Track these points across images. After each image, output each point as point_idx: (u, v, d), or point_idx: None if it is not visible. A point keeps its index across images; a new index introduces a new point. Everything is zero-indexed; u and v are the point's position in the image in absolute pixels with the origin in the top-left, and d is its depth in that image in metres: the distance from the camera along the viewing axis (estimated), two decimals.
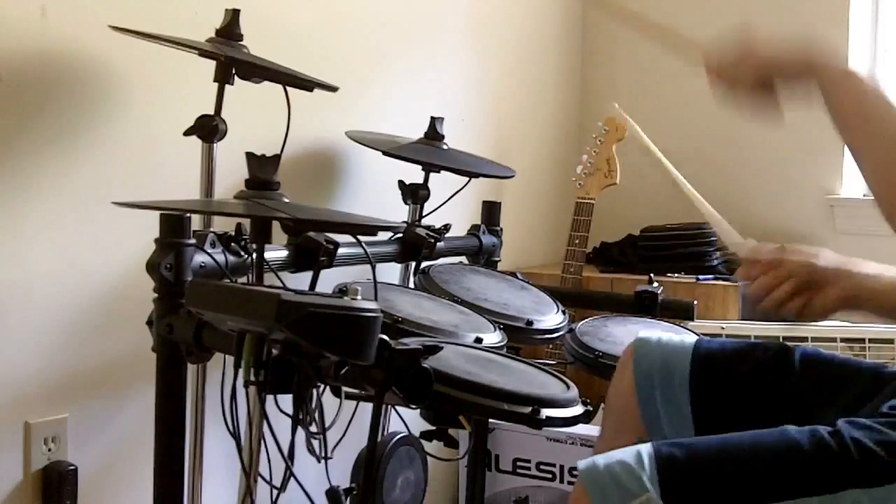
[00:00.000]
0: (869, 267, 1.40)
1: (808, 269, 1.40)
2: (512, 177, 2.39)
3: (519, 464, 2.27)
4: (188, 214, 1.45)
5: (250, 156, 1.49)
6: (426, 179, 2.19)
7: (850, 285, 1.38)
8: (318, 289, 1.62)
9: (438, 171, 2.19)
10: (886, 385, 1.35)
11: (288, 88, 1.77)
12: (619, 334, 1.87)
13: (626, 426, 1.44)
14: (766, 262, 1.42)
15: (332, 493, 1.41)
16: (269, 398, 1.23)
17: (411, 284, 1.99)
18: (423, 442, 1.79)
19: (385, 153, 2.10)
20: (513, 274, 2.15)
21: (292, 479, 1.31)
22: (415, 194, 2.18)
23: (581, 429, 1.98)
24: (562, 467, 2.22)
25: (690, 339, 1.49)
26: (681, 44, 1.32)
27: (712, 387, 1.41)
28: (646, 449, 1.17)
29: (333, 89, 1.85)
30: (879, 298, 1.38)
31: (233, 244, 1.55)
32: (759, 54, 1.35)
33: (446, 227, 2.08)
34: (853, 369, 1.42)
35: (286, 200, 1.48)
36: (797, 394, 1.38)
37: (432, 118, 2.20)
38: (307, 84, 1.78)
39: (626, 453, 1.17)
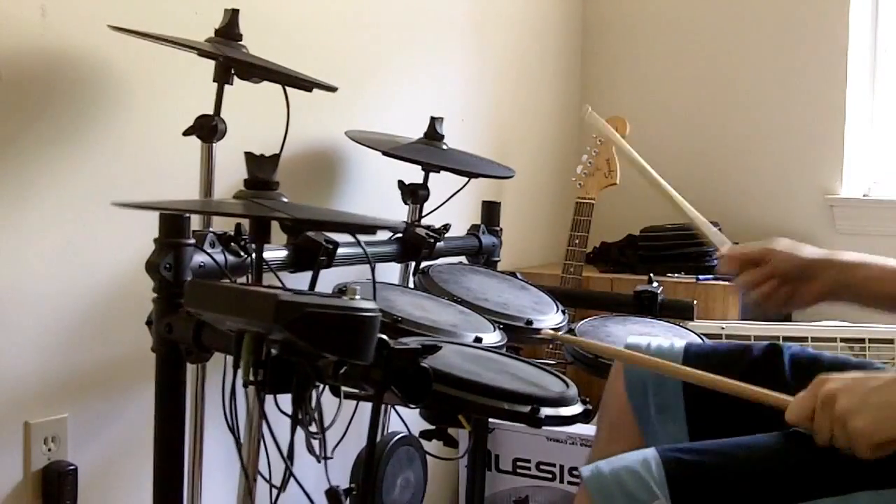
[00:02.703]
0: (850, 256, 1.43)
1: (793, 261, 1.43)
2: (512, 177, 2.39)
3: (519, 464, 2.27)
4: (187, 214, 1.45)
5: (249, 156, 1.49)
6: (426, 179, 2.19)
7: (833, 275, 1.41)
8: (318, 289, 1.62)
9: (438, 171, 2.19)
10: None
11: (287, 88, 1.77)
12: (619, 334, 1.87)
13: (621, 433, 1.43)
14: (752, 258, 1.45)
15: (332, 494, 1.41)
16: (269, 398, 1.23)
17: (411, 284, 1.99)
18: (423, 441, 1.79)
19: (385, 153, 2.10)
20: (513, 274, 2.15)
21: (292, 479, 1.31)
22: (415, 194, 2.18)
23: (581, 428, 1.98)
24: (562, 467, 2.22)
25: (680, 343, 1.48)
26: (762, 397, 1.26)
27: (705, 390, 1.41)
28: (651, 454, 1.14)
29: (333, 89, 1.85)
30: (861, 286, 1.41)
31: (232, 244, 1.55)
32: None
33: (446, 227, 2.08)
34: (840, 367, 1.42)
35: (285, 200, 1.48)
36: (788, 393, 1.38)
37: (432, 118, 2.20)
38: (307, 84, 1.78)
39: (631, 459, 1.14)
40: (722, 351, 1.48)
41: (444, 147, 2.21)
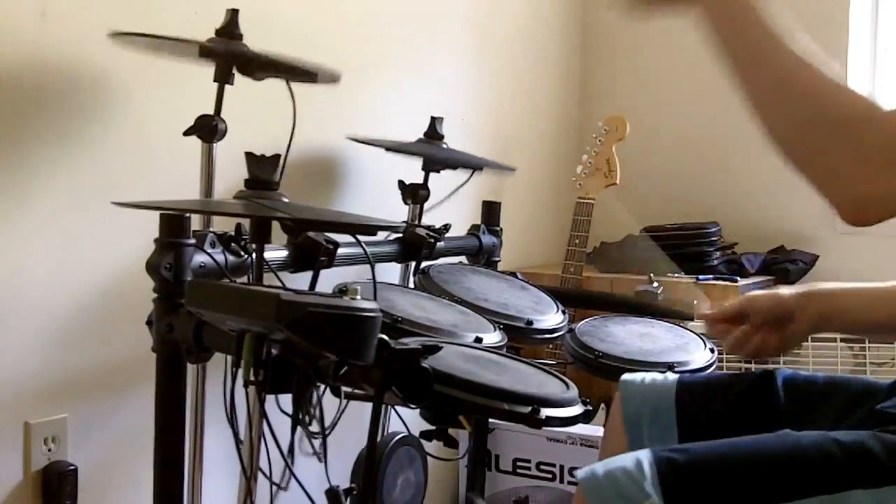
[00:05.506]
0: (829, 286, 1.45)
1: (773, 306, 1.45)
2: (513, 171, 2.39)
3: (519, 464, 2.27)
4: (188, 214, 1.45)
5: (250, 156, 1.49)
6: (426, 179, 2.19)
7: (816, 308, 1.42)
8: (318, 289, 1.61)
9: (438, 171, 2.19)
10: (871, 397, 1.36)
11: (291, 84, 1.76)
12: (619, 334, 1.87)
13: None
14: (732, 314, 1.47)
15: (332, 493, 1.41)
16: (269, 398, 1.23)
17: (411, 284, 1.99)
18: (423, 442, 1.79)
19: (388, 149, 2.10)
20: (513, 274, 2.15)
21: (292, 478, 1.31)
22: (415, 194, 2.18)
23: (581, 429, 1.98)
24: (562, 467, 2.22)
25: (673, 377, 1.50)
26: None
27: (699, 422, 1.42)
28: (645, 455, 1.16)
29: (336, 78, 1.84)
30: (845, 316, 1.42)
31: (233, 244, 1.54)
32: None
33: (446, 227, 2.08)
34: (836, 385, 1.44)
35: (286, 200, 1.48)
36: (784, 416, 1.39)
37: (432, 118, 2.20)
38: (309, 74, 1.76)
39: (625, 460, 1.16)
40: (713, 381, 1.50)
41: (445, 147, 2.21)
